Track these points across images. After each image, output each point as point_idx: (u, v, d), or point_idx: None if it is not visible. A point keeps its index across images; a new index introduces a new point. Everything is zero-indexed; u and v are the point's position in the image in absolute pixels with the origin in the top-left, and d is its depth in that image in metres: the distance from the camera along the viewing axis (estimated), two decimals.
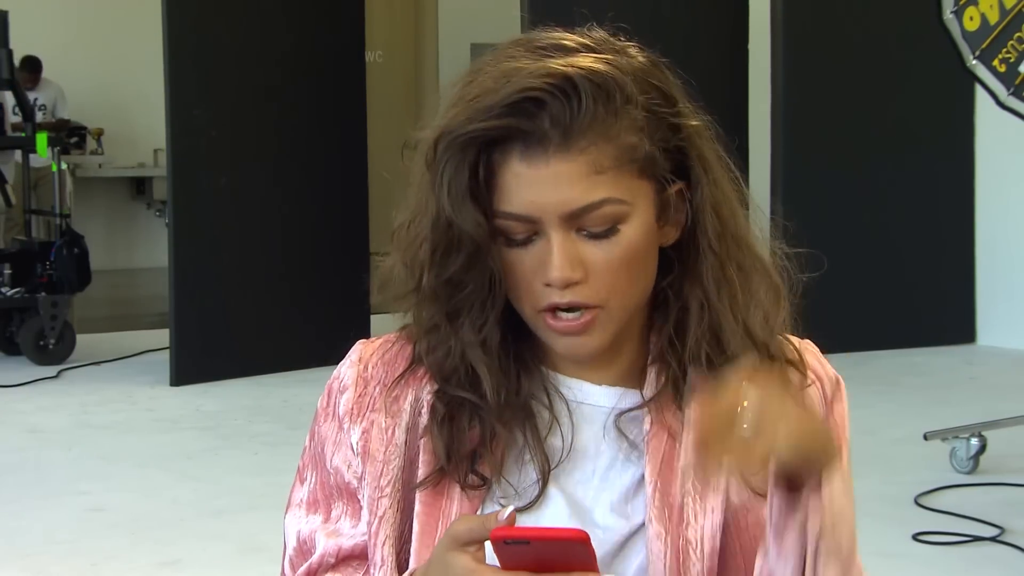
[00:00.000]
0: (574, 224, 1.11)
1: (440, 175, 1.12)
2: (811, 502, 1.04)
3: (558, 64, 1.10)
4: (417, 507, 1.17)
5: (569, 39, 1.14)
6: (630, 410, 1.18)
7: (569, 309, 1.13)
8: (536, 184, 1.10)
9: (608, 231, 1.11)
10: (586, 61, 1.11)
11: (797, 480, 1.05)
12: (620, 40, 1.17)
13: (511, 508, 1.04)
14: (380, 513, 1.18)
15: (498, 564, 1.02)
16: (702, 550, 1.13)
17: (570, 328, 1.13)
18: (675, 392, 1.17)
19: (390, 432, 1.19)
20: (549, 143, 1.09)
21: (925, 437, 4.50)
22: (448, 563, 1.03)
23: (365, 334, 1.25)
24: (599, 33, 1.17)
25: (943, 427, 4.56)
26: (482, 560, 1.02)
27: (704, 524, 1.13)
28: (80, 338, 6.97)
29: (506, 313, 1.17)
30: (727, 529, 1.14)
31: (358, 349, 1.25)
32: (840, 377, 1.25)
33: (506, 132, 1.10)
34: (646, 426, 1.17)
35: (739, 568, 1.13)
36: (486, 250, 1.12)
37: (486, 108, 1.10)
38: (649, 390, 1.18)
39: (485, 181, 1.11)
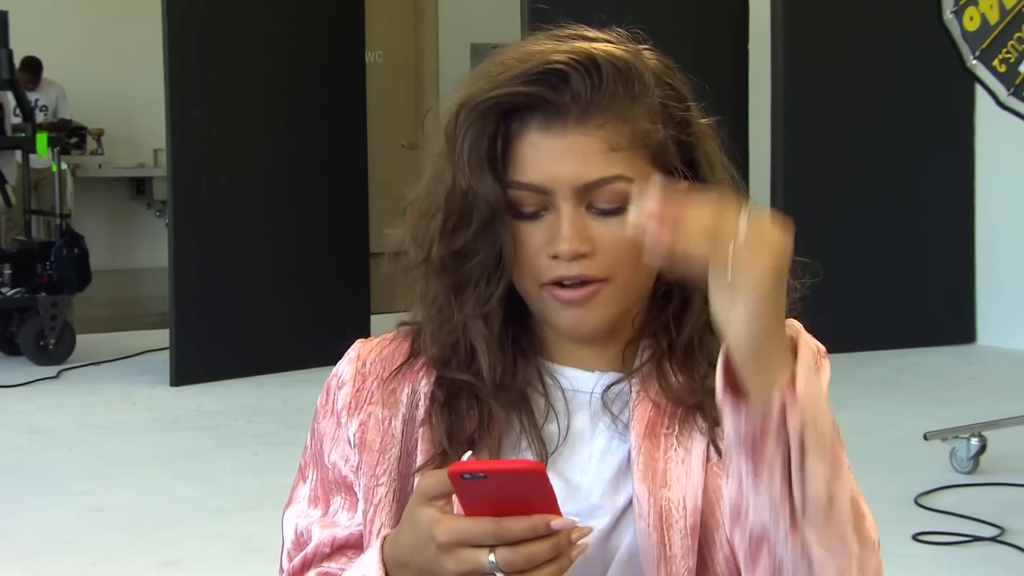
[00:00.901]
0: (585, 199, 1.14)
1: (460, 142, 1.15)
2: (787, 397, 1.00)
3: (582, 45, 1.15)
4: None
5: (590, 31, 1.19)
6: (614, 383, 1.20)
7: (574, 283, 1.15)
8: (552, 154, 1.13)
9: (617, 209, 1.13)
10: (608, 46, 1.16)
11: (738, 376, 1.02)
12: (636, 43, 1.20)
13: (469, 452, 1.07)
14: (376, 501, 1.19)
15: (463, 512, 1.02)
16: (684, 507, 1.14)
17: (575, 298, 1.15)
18: (659, 369, 1.19)
19: (387, 423, 1.21)
20: (568, 115, 1.13)
21: (925, 437, 4.50)
22: (415, 517, 1.05)
23: (364, 334, 1.26)
24: (616, 34, 1.20)
25: (943, 427, 4.56)
26: (448, 512, 1.03)
27: (686, 484, 1.15)
28: (80, 338, 6.97)
29: (507, 300, 1.19)
30: (708, 489, 1.15)
31: (356, 347, 1.27)
32: (823, 348, 1.24)
33: (528, 100, 1.13)
34: (632, 394, 1.19)
35: (719, 524, 1.14)
36: (500, 219, 1.15)
37: (510, 78, 1.14)
38: (636, 362, 1.20)
39: (502, 151, 1.14)
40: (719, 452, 1.16)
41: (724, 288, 0.99)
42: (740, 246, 0.98)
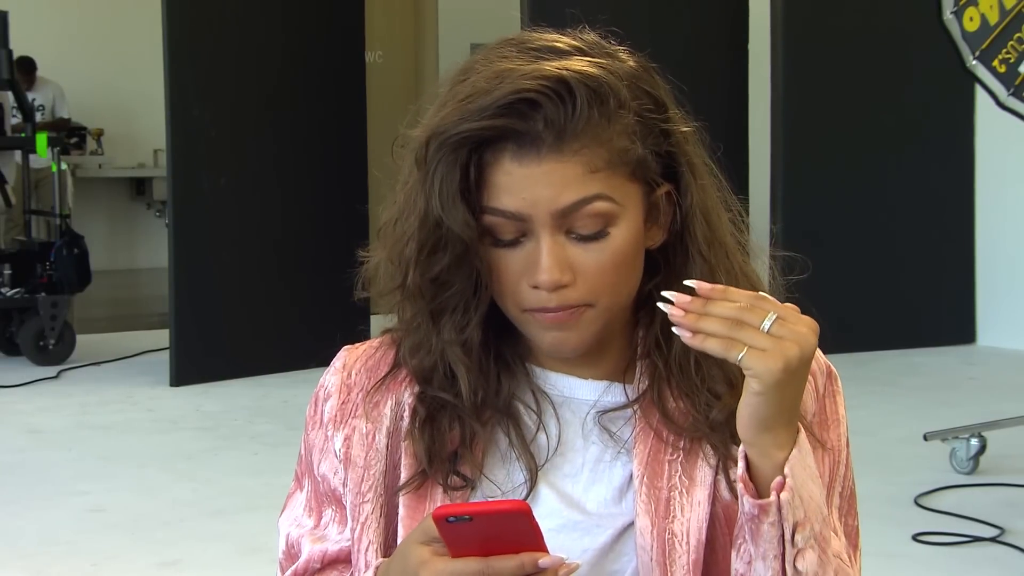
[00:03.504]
0: (564, 225, 1.11)
1: (431, 175, 1.11)
2: (782, 499, 1.05)
3: (552, 66, 1.10)
4: (401, 511, 1.17)
5: (562, 41, 1.14)
6: (614, 409, 1.18)
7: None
8: (528, 182, 1.09)
9: (598, 234, 1.11)
10: (580, 64, 1.11)
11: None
12: (611, 43, 1.17)
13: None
14: (362, 519, 1.18)
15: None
16: (688, 543, 1.13)
17: (556, 320, 1.13)
18: (659, 394, 1.17)
19: (371, 437, 1.20)
20: (542, 144, 1.09)
21: (925, 437, 4.50)
22: (406, 554, 1.05)
23: (364, 334, 1.25)
24: (590, 36, 1.16)
25: (943, 427, 4.56)
26: (442, 553, 1.02)
27: (690, 517, 1.14)
28: (80, 338, 6.97)
29: (488, 312, 1.16)
30: (715, 523, 1.14)
31: (342, 356, 1.26)
32: (833, 368, 1.24)
33: (499, 132, 1.09)
34: (633, 424, 1.17)
35: (727, 561, 1.13)
36: (473, 251, 1.12)
37: (479, 108, 1.09)
38: (637, 387, 1.18)
39: (475, 180, 1.11)
40: (731, 487, 1.14)
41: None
42: (756, 339, 1.03)
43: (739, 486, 1.07)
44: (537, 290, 1.12)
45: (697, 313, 1.04)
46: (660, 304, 1.06)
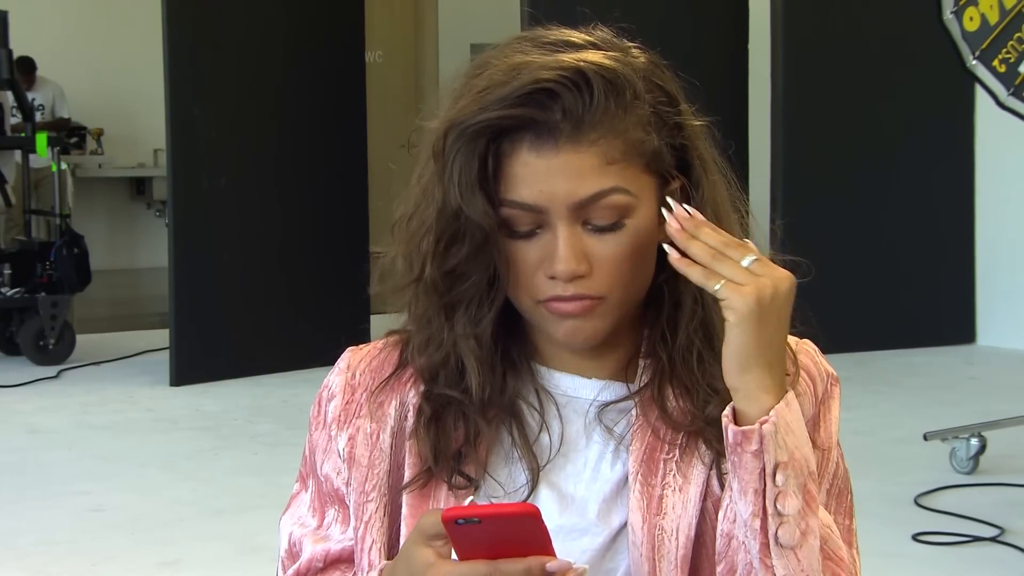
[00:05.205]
0: (581, 216, 1.12)
1: (450, 165, 1.12)
2: (764, 429, 1.05)
3: (570, 58, 1.12)
4: (404, 510, 1.18)
5: (576, 36, 1.16)
6: (614, 402, 1.19)
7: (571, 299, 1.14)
8: (545, 173, 1.10)
9: (614, 225, 1.12)
10: (596, 56, 1.13)
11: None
12: (623, 40, 1.18)
13: (470, 499, 1.08)
14: (366, 518, 1.19)
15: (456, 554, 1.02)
16: (677, 539, 1.14)
17: (571, 310, 1.13)
18: (659, 390, 1.18)
19: (375, 437, 1.20)
20: (560, 134, 1.10)
21: (925, 437, 4.50)
22: (410, 557, 1.05)
23: (365, 334, 1.25)
24: (603, 32, 1.18)
25: (943, 427, 4.56)
26: (445, 555, 1.02)
27: (681, 514, 1.14)
28: (80, 338, 6.97)
29: (499, 309, 1.17)
30: (704, 518, 1.15)
31: (346, 357, 1.26)
32: (836, 375, 1.24)
33: (517, 122, 1.10)
34: (632, 419, 1.18)
35: (712, 555, 1.14)
36: (492, 241, 1.13)
37: (498, 99, 1.10)
38: (639, 384, 1.19)
39: (493, 171, 1.12)
40: (722, 485, 1.15)
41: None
42: (735, 272, 1.06)
43: (724, 421, 1.07)
44: (553, 280, 1.13)
45: (689, 233, 1.08)
46: (663, 210, 1.10)
